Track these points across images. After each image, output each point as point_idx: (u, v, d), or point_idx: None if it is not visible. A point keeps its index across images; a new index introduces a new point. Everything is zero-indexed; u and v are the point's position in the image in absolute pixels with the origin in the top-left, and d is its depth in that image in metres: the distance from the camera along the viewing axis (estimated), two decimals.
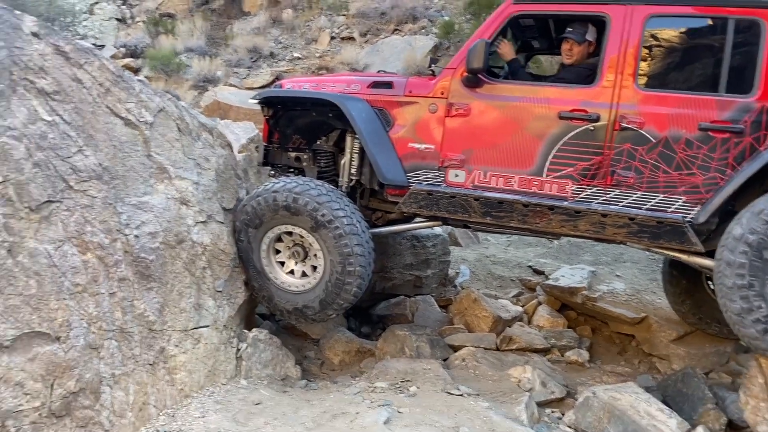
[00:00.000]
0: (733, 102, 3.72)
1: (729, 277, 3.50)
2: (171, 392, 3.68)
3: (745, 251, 3.46)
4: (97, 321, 3.38)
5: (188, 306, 3.88)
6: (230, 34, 15.28)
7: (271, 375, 4.29)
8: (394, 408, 3.71)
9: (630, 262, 6.90)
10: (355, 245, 4.16)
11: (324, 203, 4.18)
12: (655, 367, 5.22)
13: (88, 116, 3.65)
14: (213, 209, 4.24)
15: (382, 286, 5.77)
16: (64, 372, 3.17)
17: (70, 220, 3.38)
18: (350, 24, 14.37)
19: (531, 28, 4.69)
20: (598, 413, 3.88)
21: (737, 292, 3.47)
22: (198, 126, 4.34)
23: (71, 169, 3.46)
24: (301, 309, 4.40)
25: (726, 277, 3.52)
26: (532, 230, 4.26)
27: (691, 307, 5.16)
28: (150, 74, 13.28)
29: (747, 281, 3.44)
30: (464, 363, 4.73)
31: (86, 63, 3.73)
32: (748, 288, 3.44)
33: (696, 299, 5.14)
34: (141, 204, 3.75)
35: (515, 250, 7.74)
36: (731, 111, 3.72)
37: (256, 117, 9.38)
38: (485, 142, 4.18)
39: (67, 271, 3.30)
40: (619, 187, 3.93)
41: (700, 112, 3.76)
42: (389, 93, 4.46)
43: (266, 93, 4.86)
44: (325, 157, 4.90)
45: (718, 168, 3.75)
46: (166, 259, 3.79)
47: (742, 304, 3.46)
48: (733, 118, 3.71)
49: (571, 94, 4.04)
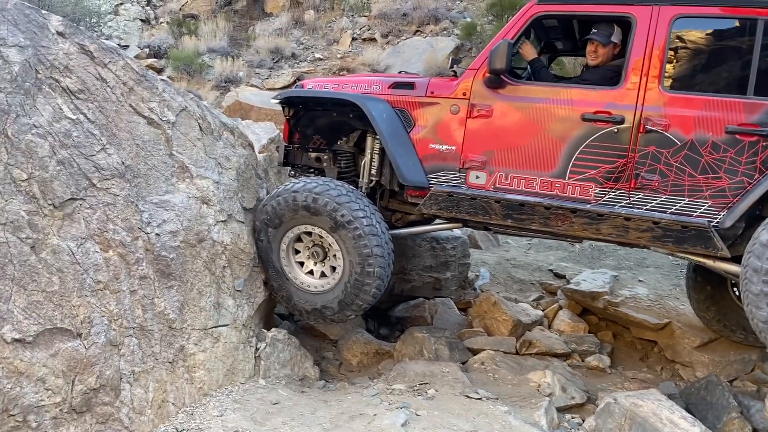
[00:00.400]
0: (761, 105, 3.65)
1: (756, 283, 3.43)
2: (190, 390, 3.70)
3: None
4: (118, 318, 3.40)
5: (208, 305, 3.89)
6: (252, 35, 15.37)
7: (289, 375, 4.30)
8: (411, 410, 3.69)
9: (653, 267, 6.81)
10: (374, 246, 4.15)
11: (344, 204, 4.17)
12: (678, 374, 5.13)
13: (112, 115, 3.68)
14: (233, 209, 4.25)
15: (401, 288, 5.74)
16: (85, 368, 3.20)
17: (93, 218, 3.42)
18: (372, 25, 14.38)
19: (555, 28, 4.65)
20: (619, 420, 3.82)
21: (764, 299, 3.40)
22: (219, 126, 4.36)
23: (94, 167, 3.49)
24: (320, 309, 4.40)
25: (753, 284, 3.44)
26: (554, 233, 4.21)
27: (716, 313, 5.06)
28: (173, 74, 13.40)
29: None
30: (483, 366, 4.69)
31: (110, 62, 3.76)
32: None
33: (721, 306, 5.05)
34: (162, 202, 3.78)
35: (536, 254, 7.67)
36: (760, 114, 3.64)
37: (277, 117, 9.43)
38: (507, 143, 4.14)
39: (89, 268, 3.33)
40: (643, 190, 3.87)
41: (728, 115, 3.69)
42: (410, 93, 4.44)
43: (287, 93, 4.87)
44: (345, 158, 4.89)
45: (746, 172, 3.68)
46: (186, 257, 3.81)
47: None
48: (761, 121, 3.64)
49: (594, 96, 3.99)
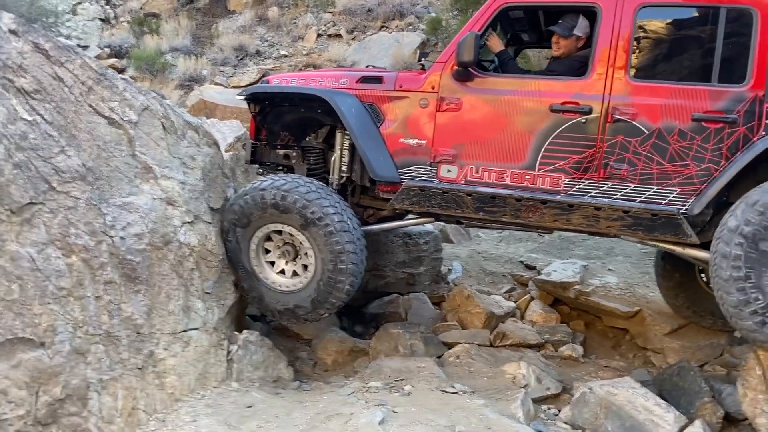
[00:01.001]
0: (726, 92, 3.69)
1: (725, 269, 3.47)
2: (161, 396, 3.61)
3: (740, 243, 3.43)
4: (83, 325, 3.29)
5: (177, 308, 3.80)
6: (216, 32, 15.13)
7: (262, 377, 4.23)
8: (388, 408, 3.65)
9: (622, 255, 6.88)
10: (346, 242, 4.10)
11: (314, 200, 4.11)
12: (650, 360, 5.19)
13: (71, 115, 3.56)
14: (200, 209, 4.15)
15: (375, 285, 5.70)
16: (50, 378, 3.09)
17: (54, 223, 3.29)
18: (337, 21, 14.27)
19: (520, 20, 4.64)
20: (595, 409, 3.84)
21: (734, 284, 3.44)
22: (183, 124, 4.26)
23: (53, 169, 3.36)
24: (292, 309, 4.33)
25: (722, 270, 3.48)
26: (525, 225, 4.22)
27: (685, 300, 5.13)
28: (135, 74, 13.11)
29: (743, 273, 3.41)
30: (458, 360, 4.68)
31: (67, 61, 3.63)
32: (745, 280, 3.41)
33: (690, 293, 5.12)
34: (126, 205, 3.67)
35: (506, 246, 7.70)
36: (724, 101, 3.69)
37: (242, 115, 9.29)
38: (477, 136, 4.13)
39: (51, 274, 3.21)
40: (612, 179, 3.90)
41: (693, 103, 3.73)
42: (379, 88, 4.39)
43: (253, 89, 4.77)
44: (314, 154, 4.82)
45: (712, 159, 3.72)
46: (152, 260, 3.70)
47: (739, 296, 3.43)
48: (726, 108, 3.68)
49: (562, 87, 4.00)
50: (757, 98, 3.63)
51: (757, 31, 3.64)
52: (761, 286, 3.40)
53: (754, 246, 3.42)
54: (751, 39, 3.65)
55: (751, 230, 3.42)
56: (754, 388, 3.69)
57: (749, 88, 3.65)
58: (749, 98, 3.65)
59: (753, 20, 3.65)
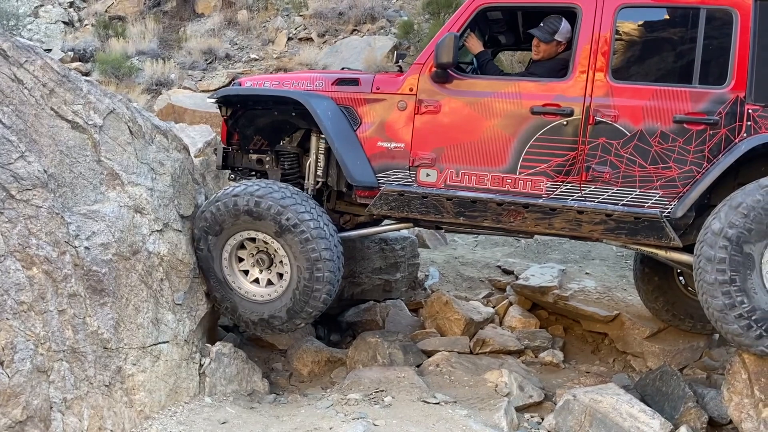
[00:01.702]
0: (707, 93, 3.67)
1: (710, 272, 3.42)
2: (129, 414, 3.43)
3: (725, 246, 3.39)
4: (46, 341, 3.10)
5: (146, 321, 3.62)
6: (183, 36, 14.85)
7: (237, 390, 4.07)
8: (369, 421, 3.54)
9: (598, 259, 6.87)
10: (323, 249, 3.97)
11: (288, 206, 3.97)
12: (630, 365, 5.16)
13: (31, 119, 3.36)
14: (169, 217, 3.98)
15: (351, 292, 5.57)
16: (9, 399, 2.89)
17: (13, 233, 3.10)
18: (308, 24, 14.12)
19: (498, 21, 4.57)
20: (579, 417, 3.77)
21: (719, 288, 3.40)
22: (151, 128, 4.08)
23: (12, 176, 3.17)
24: (267, 319, 4.18)
25: (706, 273, 3.44)
26: (507, 229, 4.14)
27: (665, 303, 5.11)
28: (100, 78, 12.77)
29: (728, 276, 3.37)
30: (439, 369, 4.57)
31: (27, 62, 3.44)
32: (730, 283, 3.37)
33: (669, 296, 5.10)
34: (91, 213, 3.49)
35: (483, 251, 7.63)
36: (705, 102, 3.66)
37: (212, 120, 9.09)
38: (456, 139, 4.04)
39: (9, 288, 3.01)
40: (594, 182, 3.84)
41: (675, 104, 3.69)
42: (356, 90, 4.27)
43: (224, 92, 4.61)
44: (288, 159, 4.68)
45: (694, 161, 3.69)
46: (120, 271, 3.53)
47: (724, 300, 3.39)
48: (707, 109, 3.66)
49: (543, 89, 3.93)
50: (738, 99, 3.61)
51: (737, 31, 3.62)
52: (746, 289, 3.36)
53: (739, 249, 3.38)
54: (732, 40, 3.63)
55: (734, 233, 3.38)
56: (739, 392, 3.66)
57: (730, 89, 3.63)
58: (730, 99, 3.62)
59: (733, 21, 3.63)
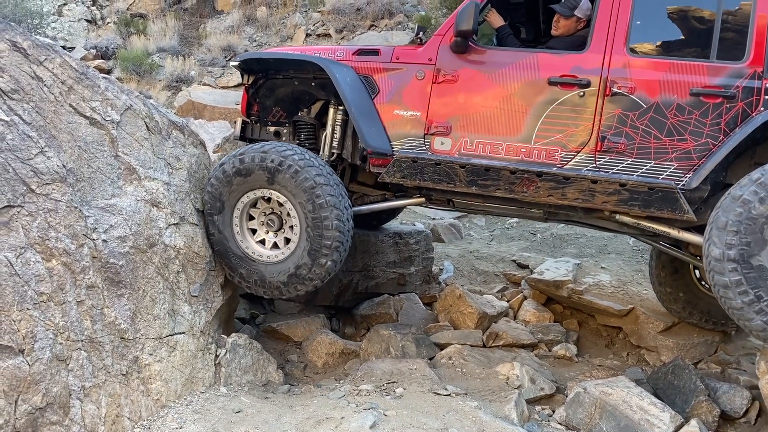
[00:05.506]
0: (724, 68, 3.67)
1: (733, 299, 3.35)
2: (146, 403, 3.52)
3: (734, 268, 3.31)
4: (65, 331, 3.20)
5: (162, 312, 3.71)
6: (203, 33, 15.01)
7: (251, 381, 4.14)
8: (380, 411, 3.58)
9: (614, 253, 6.84)
10: (315, 176, 3.98)
11: (270, 150, 4.03)
12: (644, 359, 5.14)
13: (50, 116, 3.46)
14: (186, 210, 4.06)
15: (365, 285, 5.63)
16: (30, 386, 2.99)
17: (33, 226, 3.20)
18: (326, 20, 14.18)
19: (519, 10, 4.58)
20: (590, 409, 3.79)
21: (748, 308, 3.34)
22: (168, 124, 4.17)
23: (32, 171, 3.27)
24: (295, 272, 4.11)
25: (730, 300, 3.36)
26: (519, 201, 4.10)
27: (680, 299, 5.03)
28: (122, 75, 12.98)
29: (753, 296, 3.28)
30: (451, 361, 4.61)
31: (46, 60, 3.54)
32: (758, 301, 3.28)
33: (685, 291, 5.02)
34: (109, 207, 3.58)
35: (498, 245, 7.64)
36: (723, 76, 3.66)
37: (231, 116, 9.20)
38: (472, 109, 4.06)
39: (30, 279, 3.11)
40: (609, 153, 3.83)
41: (692, 78, 3.69)
42: (376, 59, 4.32)
43: (246, 56, 4.64)
44: (305, 130, 4.71)
45: (710, 134, 3.67)
46: (137, 264, 3.62)
47: (742, 299, 3.33)
48: (724, 83, 3.65)
49: (560, 60, 3.95)
50: (755, 74, 3.61)
51: (756, 7, 3.62)
52: None
53: (749, 266, 3.30)
54: (751, 16, 3.63)
55: (736, 253, 3.31)
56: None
57: (748, 64, 3.63)
58: (748, 74, 3.61)
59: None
